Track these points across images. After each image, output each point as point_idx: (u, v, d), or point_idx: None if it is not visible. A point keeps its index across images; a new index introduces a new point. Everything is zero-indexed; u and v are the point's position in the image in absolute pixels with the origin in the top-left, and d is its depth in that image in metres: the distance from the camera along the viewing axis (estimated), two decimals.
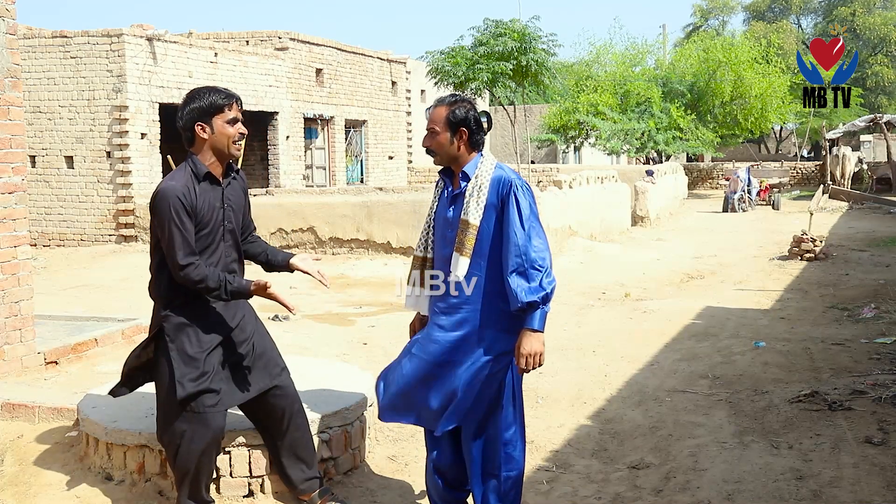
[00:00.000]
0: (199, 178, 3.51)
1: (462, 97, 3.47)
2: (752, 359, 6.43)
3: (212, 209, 3.53)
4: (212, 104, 3.48)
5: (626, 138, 27.14)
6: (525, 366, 3.26)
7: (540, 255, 3.25)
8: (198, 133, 3.50)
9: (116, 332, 6.43)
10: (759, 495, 3.97)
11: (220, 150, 3.53)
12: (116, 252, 13.94)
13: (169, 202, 3.41)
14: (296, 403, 3.79)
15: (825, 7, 51.50)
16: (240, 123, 3.55)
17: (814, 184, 29.43)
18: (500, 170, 3.40)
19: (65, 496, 3.98)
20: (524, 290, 3.20)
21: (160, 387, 3.62)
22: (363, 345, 7.13)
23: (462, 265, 3.31)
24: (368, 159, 22.78)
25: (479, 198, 3.33)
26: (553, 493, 4.14)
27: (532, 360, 3.26)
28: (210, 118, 3.49)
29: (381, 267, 11.84)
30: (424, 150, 3.49)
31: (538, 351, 3.26)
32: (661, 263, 12.38)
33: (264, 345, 3.76)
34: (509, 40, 23.26)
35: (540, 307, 3.23)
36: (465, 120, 3.38)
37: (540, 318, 3.24)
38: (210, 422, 3.53)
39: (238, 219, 3.69)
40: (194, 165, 3.52)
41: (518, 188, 3.32)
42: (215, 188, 3.57)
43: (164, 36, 15.26)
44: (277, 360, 3.79)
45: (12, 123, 5.51)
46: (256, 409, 3.75)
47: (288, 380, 3.79)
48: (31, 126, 14.67)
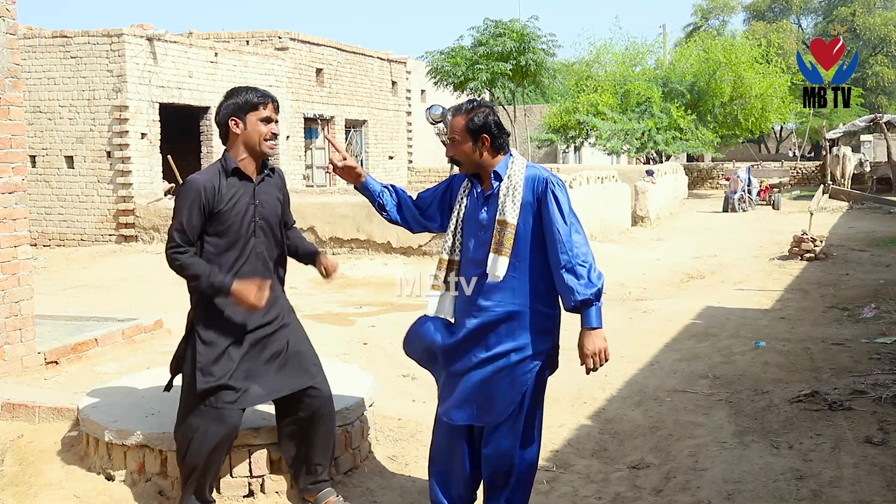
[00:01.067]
0: (228, 173, 3.59)
1: (480, 102, 3.41)
2: (752, 359, 6.43)
3: (240, 203, 3.58)
4: (247, 101, 3.59)
5: (626, 138, 27.14)
6: (592, 365, 3.25)
7: (583, 250, 3.25)
8: (231, 128, 3.60)
9: (116, 332, 6.44)
10: (759, 495, 3.97)
11: (252, 147, 3.61)
12: (116, 252, 13.93)
13: (189, 191, 3.53)
14: (328, 405, 3.79)
15: (825, 7, 51.51)
16: (274, 123, 3.63)
17: (814, 184, 29.43)
18: (533, 168, 3.36)
19: (65, 496, 3.98)
20: (577, 287, 3.20)
21: (183, 379, 3.65)
22: (363, 345, 7.13)
23: (501, 265, 3.26)
24: (369, 159, 22.77)
25: (514, 197, 3.28)
26: (553, 492, 4.14)
27: (598, 358, 3.26)
28: (244, 114, 3.59)
29: (382, 267, 11.84)
30: (447, 159, 3.47)
31: (602, 347, 3.26)
32: (662, 263, 12.38)
33: (300, 343, 3.75)
34: (509, 40, 23.29)
35: (594, 303, 3.23)
36: (484, 126, 3.32)
37: (597, 315, 3.25)
38: (226, 418, 3.54)
39: (274, 216, 3.71)
40: (224, 161, 3.63)
41: (555, 185, 3.29)
42: (245, 183, 3.62)
43: (165, 36, 15.26)
44: (314, 359, 3.79)
45: (12, 123, 5.51)
46: (289, 406, 3.74)
47: (324, 381, 3.79)
48: (32, 126, 14.67)
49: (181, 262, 3.52)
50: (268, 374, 3.63)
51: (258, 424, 3.93)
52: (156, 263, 12.51)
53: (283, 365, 3.67)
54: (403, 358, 3.85)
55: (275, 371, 3.65)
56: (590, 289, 3.21)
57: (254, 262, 3.63)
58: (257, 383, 3.61)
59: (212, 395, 3.52)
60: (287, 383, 3.66)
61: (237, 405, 3.56)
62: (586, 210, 14.57)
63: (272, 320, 3.66)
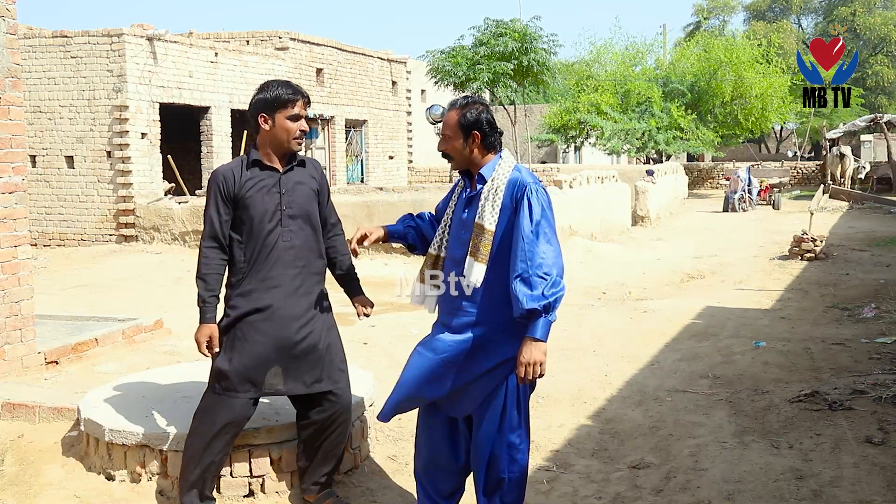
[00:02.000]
0: (250, 164, 3.62)
1: (474, 99, 3.41)
2: (752, 358, 6.43)
3: (263, 191, 3.58)
4: (277, 98, 3.57)
5: (626, 138, 27.14)
6: (524, 375, 3.19)
7: (547, 262, 3.15)
8: (260, 124, 3.61)
9: (117, 332, 6.44)
10: (759, 495, 3.97)
11: (279, 144, 3.62)
12: (116, 252, 13.93)
13: (211, 183, 3.61)
14: (345, 414, 3.79)
15: (825, 7, 51.51)
16: (302, 121, 3.62)
17: (814, 184, 29.43)
18: (518, 172, 3.33)
19: (65, 496, 3.98)
20: (525, 297, 3.12)
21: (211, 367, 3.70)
22: (363, 345, 7.13)
23: (477, 271, 3.23)
24: (369, 159, 22.78)
25: (494, 201, 3.26)
26: (553, 492, 4.14)
27: (531, 369, 3.18)
28: (273, 112, 3.58)
29: (382, 267, 11.84)
30: (440, 153, 3.47)
31: (538, 360, 3.17)
32: (662, 263, 12.38)
33: (331, 345, 3.73)
34: (510, 40, 23.26)
35: (542, 316, 3.14)
36: (476, 122, 3.32)
37: (542, 327, 3.15)
38: (235, 406, 3.57)
39: (306, 205, 3.68)
40: (248, 154, 3.66)
41: (532, 192, 3.24)
42: (270, 173, 3.62)
43: (165, 36, 15.26)
44: (340, 364, 3.76)
45: (12, 123, 5.51)
46: (307, 405, 3.74)
47: (346, 387, 3.78)
48: (32, 126, 14.67)
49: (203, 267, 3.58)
50: (290, 369, 3.62)
51: (258, 424, 3.93)
52: (156, 263, 12.52)
53: (307, 364, 3.65)
54: (403, 358, 3.84)
55: (297, 368, 3.63)
56: (538, 301, 3.10)
57: (282, 253, 3.59)
58: (277, 377, 3.60)
59: (225, 380, 3.55)
60: (307, 382, 3.65)
61: (249, 394, 3.58)
62: (586, 210, 14.58)
63: (307, 318, 3.64)
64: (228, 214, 3.58)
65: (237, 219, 3.59)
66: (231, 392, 3.57)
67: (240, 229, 3.59)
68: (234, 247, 3.61)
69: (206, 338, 3.55)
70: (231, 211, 3.58)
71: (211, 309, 3.57)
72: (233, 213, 3.58)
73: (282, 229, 3.61)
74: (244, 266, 3.60)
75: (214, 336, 3.56)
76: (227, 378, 3.56)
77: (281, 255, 3.59)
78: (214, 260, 3.58)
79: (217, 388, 3.60)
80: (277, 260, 3.59)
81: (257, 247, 3.58)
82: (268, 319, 3.57)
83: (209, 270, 3.57)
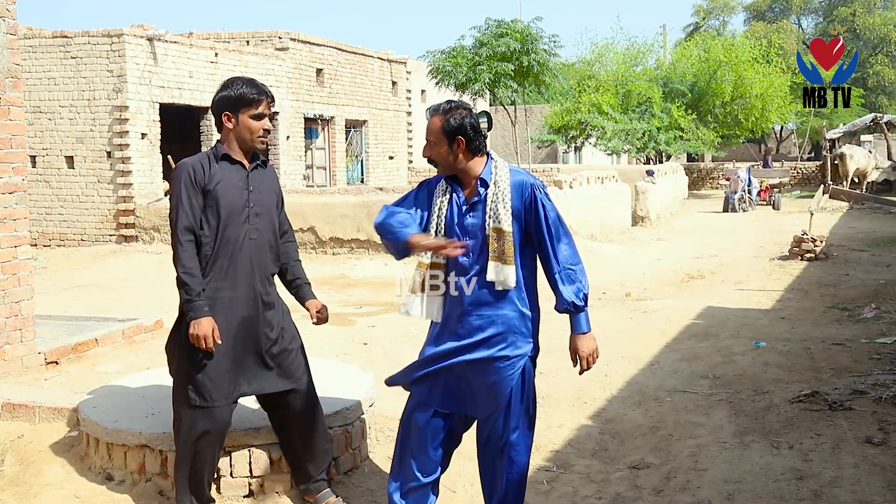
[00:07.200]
0: (218, 158, 3.58)
1: (457, 103, 3.37)
2: (752, 359, 6.43)
3: (231, 186, 3.55)
4: (241, 97, 3.54)
5: (627, 138, 27.14)
6: (587, 366, 3.37)
7: (573, 257, 3.34)
8: (224, 122, 3.58)
9: (117, 332, 6.44)
10: (759, 495, 3.97)
11: (244, 142, 3.59)
12: (117, 252, 13.93)
13: (179, 173, 3.52)
14: (314, 408, 3.78)
15: (825, 7, 51.51)
16: (266, 120, 3.60)
17: (814, 184, 29.42)
18: (518, 174, 3.37)
19: (65, 496, 3.98)
20: (569, 292, 3.30)
21: (174, 371, 3.65)
22: (363, 345, 7.12)
23: (510, 273, 3.26)
24: (369, 159, 22.77)
25: (505, 204, 3.28)
26: (553, 492, 4.14)
27: (592, 358, 3.38)
28: (237, 110, 3.55)
29: (382, 267, 11.84)
30: (425, 160, 3.45)
31: (594, 348, 3.37)
32: (662, 263, 12.38)
33: (291, 345, 3.73)
34: (511, 41, 23.25)
35: (584, 308, 3.33)
36: (460, 128, 3.29)
37: (586, 320, 3.36)
38: (213, 414, 3.53)
39: (270, 207, 3.68)
40: (215, 149, 3.63)
41: (539, 190, 3.33)
42: (238, 168, 3.60)
43: (165, 36, 15.26)
44: (301, 362, 3.76)
45: (13, 123, 5.51)
46: (273, 405, 3.75)
47: (307, 383, 3.77)
48: (32, 126, 14.67)
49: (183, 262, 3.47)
50: (254, 369, 3.62)
51: (258, 424, 3.93)
52: (156, 263, 12.51)
53: (271, 364, 3.65)
54: (403, 358, 3.85)
55: (264, 369, 3.63)
56: (577, 294, 3.31)
57: (246, 251, 3.57)
58: (243, 379, 3.59)
59: (201, 389, 3.50)
60: (270, 383, 3.65)
61: (228, 401, 3.55)
62: (586, 210, 14.58)
63: (268, 319, 3.64)
64: (200, 206, 3.50)
65: (203, 213, 3.51)
66: (208, 402, 3.50)
67: (204, 224, 3.52)
68: (201, 239, 3.52)
69: (210, 331, 3.45)
70: (202, 202, 3.51)
71: (204, 302, 3.49)
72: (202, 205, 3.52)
73: (249, 226, 3.58)
74: (206, 262, 3.52)
75: (216, 328, 3.49)
76: (203, 386, 3.49)
77: (244, 253, 3.56)
78: (193, 252, 3.49)
79: (194, 399, 3.51)
80: (241, 257, 3.55)
81: (222, 242, 3.52)
82: (229, 321, 3.53)
83: (193, 263, 3.48)
